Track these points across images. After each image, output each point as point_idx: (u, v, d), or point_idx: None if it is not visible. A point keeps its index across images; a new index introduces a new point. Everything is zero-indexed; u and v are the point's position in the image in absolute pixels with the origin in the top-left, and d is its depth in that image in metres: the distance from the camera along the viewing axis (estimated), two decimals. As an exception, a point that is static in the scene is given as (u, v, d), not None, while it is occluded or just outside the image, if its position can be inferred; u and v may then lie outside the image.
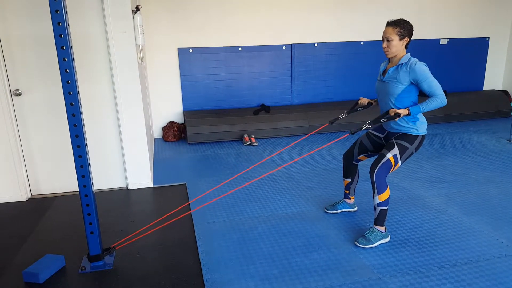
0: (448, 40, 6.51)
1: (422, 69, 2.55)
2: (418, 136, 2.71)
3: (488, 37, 6.71)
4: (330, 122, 3.08)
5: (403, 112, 2.54)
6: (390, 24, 2.62)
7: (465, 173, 4.09)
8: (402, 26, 2.58)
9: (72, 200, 3.64)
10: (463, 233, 2.91)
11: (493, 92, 6.75)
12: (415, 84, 2.60)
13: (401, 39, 2.60)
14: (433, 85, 2.55)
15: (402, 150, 2.68)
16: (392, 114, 2.56)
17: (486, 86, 7.01)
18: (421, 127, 2.71)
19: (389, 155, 2.67)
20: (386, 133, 2.88)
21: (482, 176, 3.99)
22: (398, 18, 2.68)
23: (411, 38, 2.64)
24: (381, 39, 2.69)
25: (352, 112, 3.06)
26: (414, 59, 2.60)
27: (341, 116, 3.02)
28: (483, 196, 3.52)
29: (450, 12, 6.41)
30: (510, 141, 5.11)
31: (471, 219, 3.12)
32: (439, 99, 2.54)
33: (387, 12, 6.04)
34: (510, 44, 6.86)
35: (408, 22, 2.60)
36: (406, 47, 2.65)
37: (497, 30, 6.74)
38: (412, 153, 2.74)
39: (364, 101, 3.01)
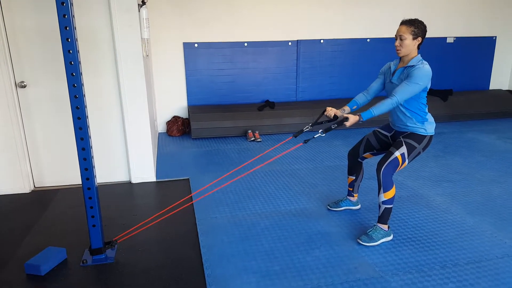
0: (454, 38, 6.45)
1: (419, 71, 2.52)
2: (426, 136, 2.70)
3: (495, 36, 6.64)
4: (294, 136, 2.94)
5: (352, 118, 2.57)
6: (405, 23, 2.59)
7: (470, 172, 4.06)
8: (416, 26, 2.56)
9: (75, 193, 3.64)
10: (466, 233, 2.89)
11: (499, 91, 6.69)
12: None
13: (414, 38, 2.57)
14: (404, 88, 2.52)
15: (410, 149, 2.67)
16: (342, 119, 2.61)
17: (493, 86, 6.94)
18: (429, 127, 2.70)
19: (397, 153, 2.66)
20: (393, 132, 2.87)
21: (487, 176, 3.97)
22: (407, 16, 2.66)
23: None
24: (393, 37, 2.67)
25: (318, 125, 2.90)
26: (423, 63, 2.57)
27: (305, 129, 2.90)
28: (487, 196, 3.50)
29: (457, 11, 6.35)
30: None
31: (474, 218, 3.10)
32: (392, 100, 2.53)
33: (394, 10, 6.00)
34: (518, 44, 6.80)
35: (423, 22, 2.57)
36: (418, 48, 2.62)
37: (504, 29, 6.67)
38: (419, 153, 2.72)
39: (330, 113, 2.82)
